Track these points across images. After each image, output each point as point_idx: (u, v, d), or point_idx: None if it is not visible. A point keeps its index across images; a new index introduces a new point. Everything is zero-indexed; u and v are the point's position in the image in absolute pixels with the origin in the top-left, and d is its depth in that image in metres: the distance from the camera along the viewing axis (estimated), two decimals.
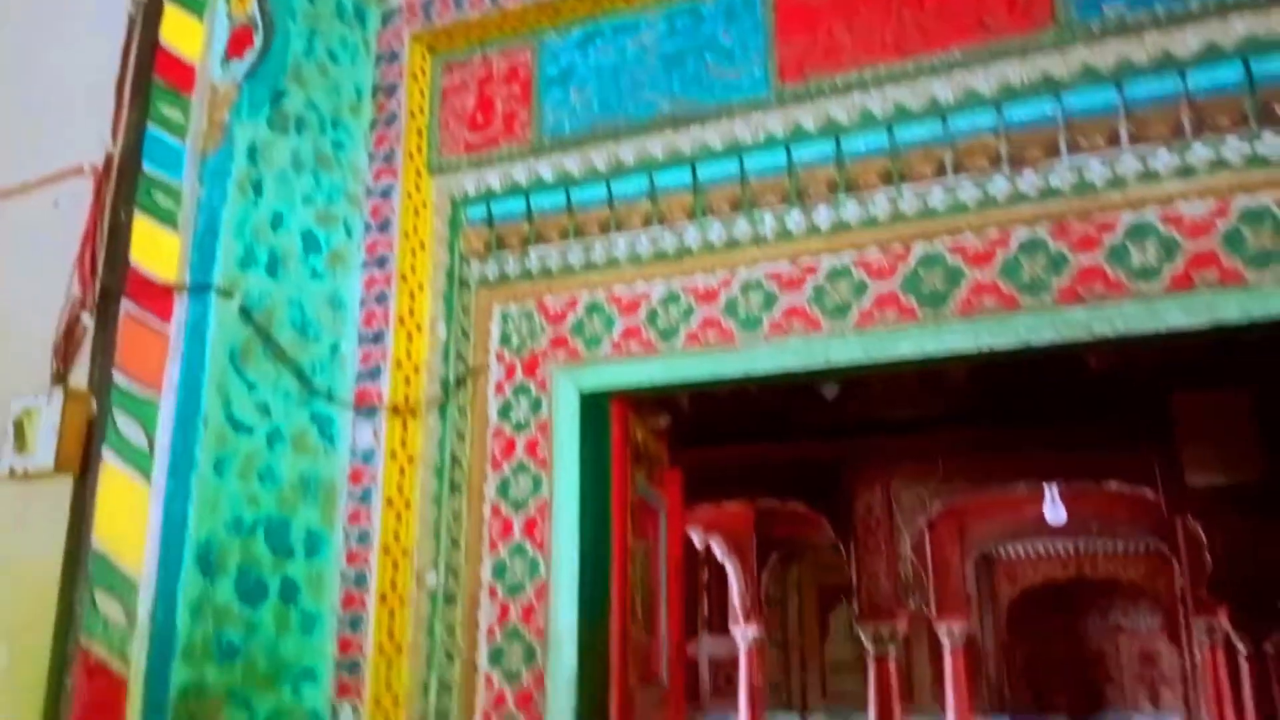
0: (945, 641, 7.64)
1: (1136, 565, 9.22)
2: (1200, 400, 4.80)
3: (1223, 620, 4.63)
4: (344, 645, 2.19)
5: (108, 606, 1.90)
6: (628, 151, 2.25)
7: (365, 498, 2.25)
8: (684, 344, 2.19)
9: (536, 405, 2.31)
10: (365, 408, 2.30)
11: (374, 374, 2.32)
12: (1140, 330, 1.83)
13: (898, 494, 5.45)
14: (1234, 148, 1.83)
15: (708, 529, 7.63)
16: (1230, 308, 1.78)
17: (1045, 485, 6.15)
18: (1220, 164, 1.83)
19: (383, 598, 2.21)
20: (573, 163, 2.30)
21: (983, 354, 1.96)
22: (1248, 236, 1.80)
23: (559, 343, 2.31)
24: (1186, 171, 1.85)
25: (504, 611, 2.24)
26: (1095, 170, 1.91)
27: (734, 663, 10.26)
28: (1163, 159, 1.87)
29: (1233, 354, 4.86)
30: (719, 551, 7.98)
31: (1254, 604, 4.61)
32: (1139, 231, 1.87)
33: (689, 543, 8.09)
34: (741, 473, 5.76)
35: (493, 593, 2.26)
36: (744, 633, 8.13)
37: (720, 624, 9.21)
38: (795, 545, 9.58)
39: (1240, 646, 4.61)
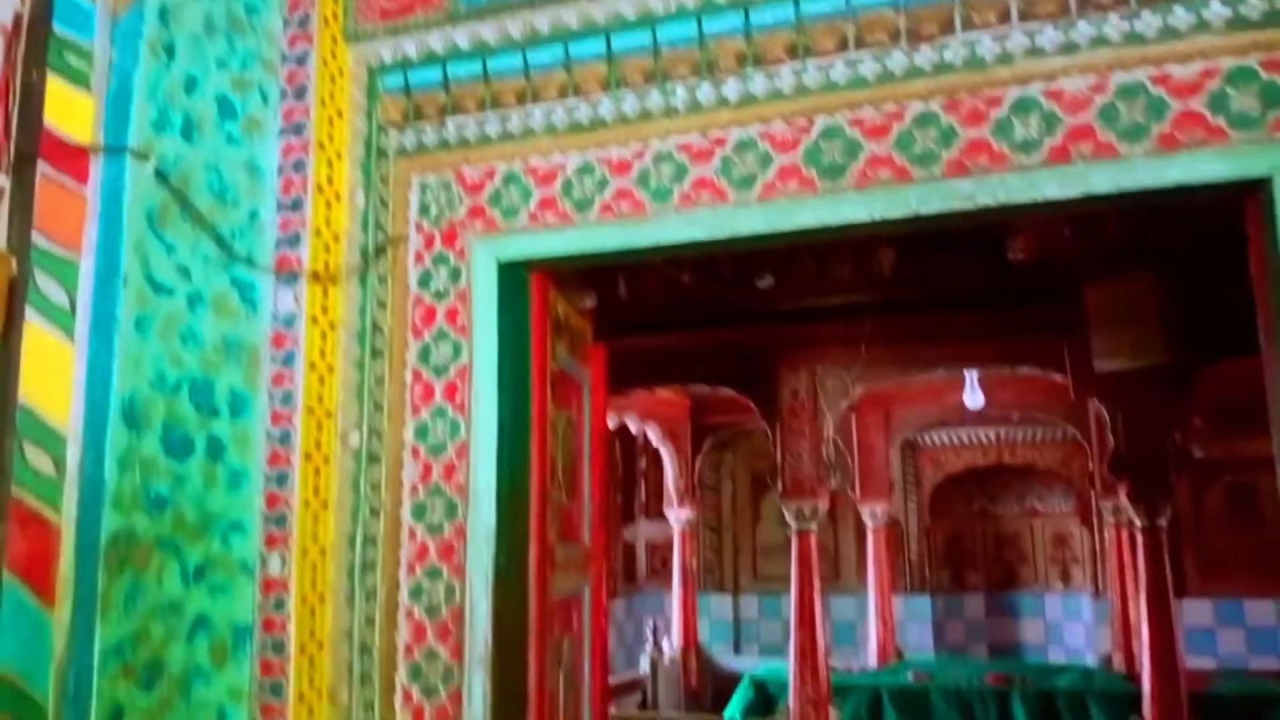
0: (869, 523, 8.01)
1: (1052, 451, 9.65)
2: (1110, 288, 5.01)
3: (1124, 499, 4.93)
4: (271, 500, 2.30)
5: (37, 459, 1.97)
6: (543, 20, 2.28)
7: (288, 361, 2.33)
8: (598, 215, 2.27)
9: (455, 274, 2.38)
10: (285, 274, 2.36)
11: (293, 241, 2.37)
12: (1019, 200, 1.95)
13: (822, 379, 5.64)
14: (1115, 25, 1.92)
15: (645, 416, 7.83)
16: (1101, 179, 1.91)
17: (965, 372, 6.40)
18: (1101, 41, 1.93)
19: (307, 456, 2.31)
20: (489, 31, 2.32)
21: (876, 224, 2.07)
22: (1121, 111, 1.91)
23: (476, 213, 2.37)
24: (1070, 48, 1.95)
25: (426, 470, 2.36)
26: (986, 46, 2.00)
27: (669, 545, 10.66)
28: (1049, 36, 1.96)
29: (1143, 245, 5.08)
30: (655, 438, 8.20)
31: (1150, 480, 4.92)
32: (1023, 106, 1.97)
33: (626, 430, 8.30)
34: (674, 359, 5.91)
35: (415, 453, 2.37)
36: (678, 516, 8.42)
37: (657, 510, 9.51)
38: (730, 433, 9.82)
39: (1137, 521, 4.93)
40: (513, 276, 2.40)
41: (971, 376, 6.45)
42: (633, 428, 7.88)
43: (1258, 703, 5.70)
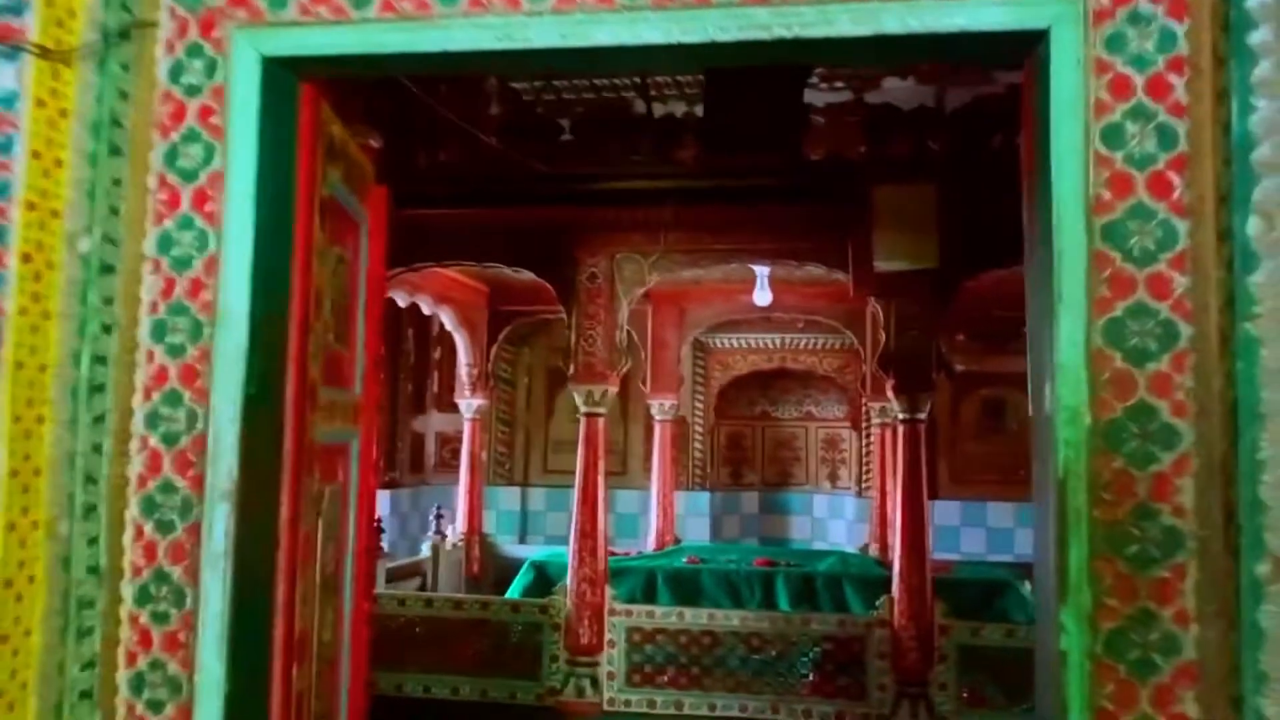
0: (656, 416, 8.17)
1: (831, 359, 10.18)
2: (895, 193, 5.23)
3: (890, 393, 5.23)
4: None
5: None
6: None
7: (6, 147, 2.01)
8: (378, 11, 2.07)
9: (212, 68, 2.13)
10: (7, 45, 2.02)
11: (16, 8, 2.03)
12: (813, 35, 1.92)
13: (621, 265, 5.63)
14: None
15: (439, 300, 7.58)
16: (892, 20, 1.91)
17: (756, 270, 6.56)
18: None
19: (26, 258, 2.02)
20: None
21: (673, 48, 1.99)
22: None
23: (239, 0, 2.12)
24: None
25: (169, 285, 2.13)
26: None
27: (461, 439, 10.56)
28: None
29: (929, 155, 5.32)
30: (449, 323, 7.98)
31: (913, 375, 5.25)
32: None
33: (421, 319, 8.03)
34: (471, 235, 5.71)
35: (156, 265, 2.13)
36: (469, 405, 8.30)
37: (449, 402, 9.33)
38: (528, 326, 9.72)
39: (900, 413, 5.25)
40: (279, 79, 2.17)
41: (762, 274, 6.63)
42: (426, 310, 7.64)
43: (992, 586, 6.32)
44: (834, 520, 10.53)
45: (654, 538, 7.91)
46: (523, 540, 10.16)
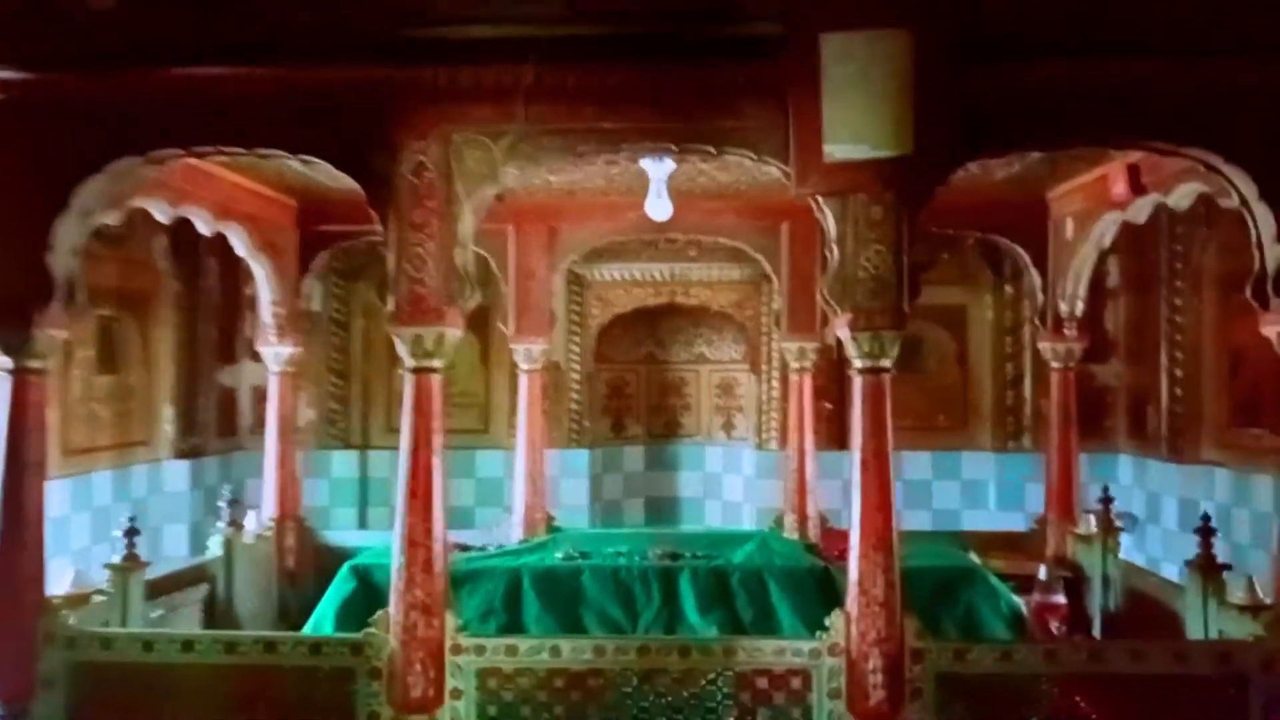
0: (523, 365, 6.49)
1: (728, 292, 8.69)
2: (852, 43, 3.64)
3: (846, 330, 3.68)
4: None
5: None
6: None
7: None
8: None
9: None
10: None
11: None
12: None
13: (461, 151, 3.86)
14: None
15: (221, 215, 5.59)
16: None
17: (652, 167, 4.90)
18: None
19: None
20: None
21: None
22: None
23: None
24: None
25: None
26: None
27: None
28: None
29: None
30: (241, 248, 6.02)
31: (877, 306, 3.72)
32: None
33: (228, 243, 6.06)
34: (232, 105, 3.84)
35: None
36: (275, 354, 6.42)
37: None
38: (360, 256, 7.90)
39: (858, 359, 3.73)
40: None
41: (661, 174, 4.97)
42: (204, 229, 5.66)
43: (952, 576, 4.99)
44: (729, 475, 9.15)
45: (520, 516, 6.27)
46: (363, 521, 8.39)
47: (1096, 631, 5.41)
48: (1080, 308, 6.07)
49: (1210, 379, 7.14)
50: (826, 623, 3.79)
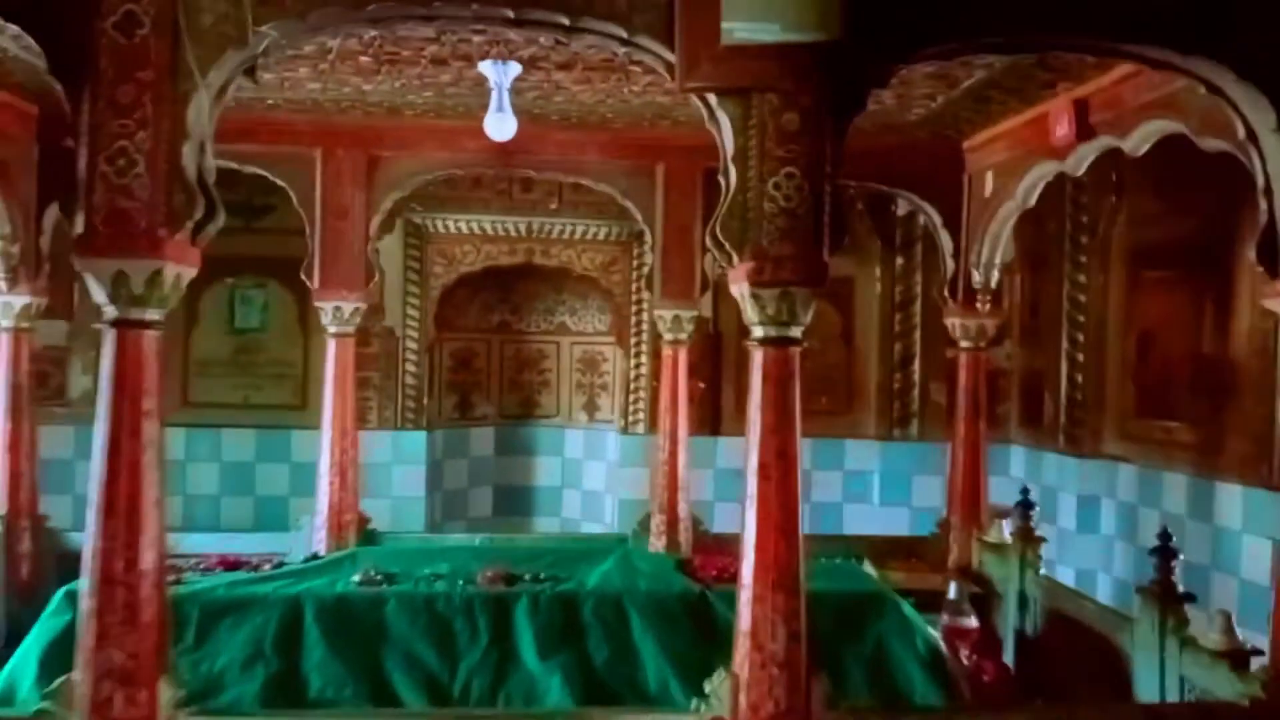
0: (331, 327, 5.21)
1: (594, 253, 7.59)
2: None
3: (743, 284, 2.59)
4: None
5: None
6: None
7: None
8: None
9: None
10: None
11: None
12: None
13: (195, 9, 2.60)
14: None
15: None
16: None
17: (492, 71, 3.72)
18: None
19: None
20: None
21: None
22: None
23: None
24: None
25: None
26: None
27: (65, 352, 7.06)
28: None
29: None
30: None
31: (790, 253, 2.67)
32: None
33: None
34: None
35: None
36: (5, 306, 4.96)
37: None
38: None
39: (760, 327, 2.65)
40: None
41: (502, 83, 3.78)
42: None
43: (859, 603, 4.06)
44: (592, 462, 8.07)
45: (324, 518, 5.01)
46: None
47: (1009, 658, 4.58)
48: (996, 278, 5.23)
49: (1115, 364, 6.45)
50: (706, 686, 2.74)
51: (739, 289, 2.79)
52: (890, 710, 2.96)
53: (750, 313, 2.75)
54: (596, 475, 7.98)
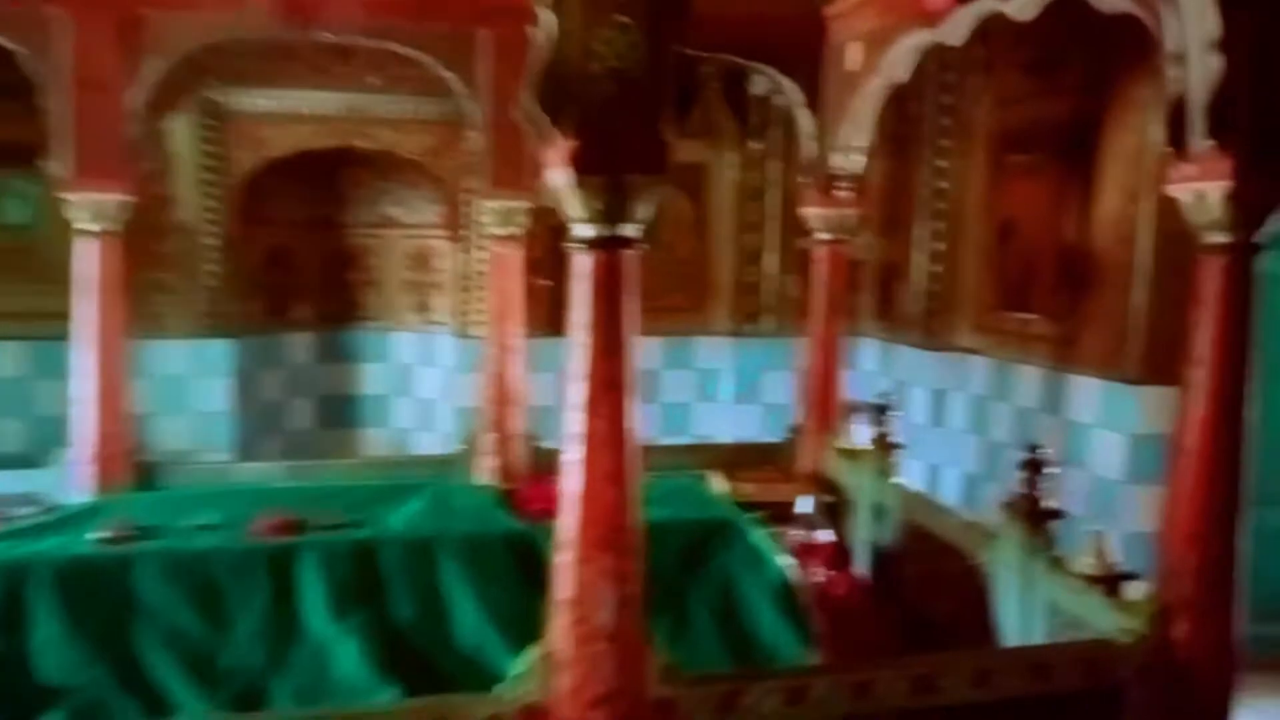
0: (87, 224, 4.33)
1: (421, 135, 6.77)
2: None
3: (561, 175, 1.98)
4: None
5: None
6: None
7: None
8: None
9: None
10: None
11: None
12: None
13: None
14: None
15: None
16: None
17: None
18: None
19: None
20: None
21: None
22: None
23: None
24: None
25: None
26: None
27: None
28: None
29: None
30: None
31: (621, 135, 2.08)
32: None
33: None
34: None
35: None
36: None
37: None
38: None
39: (585, 224, 2.08)
40: None
41: None
42: None
43: (705, 531, 3.64)
44: (425, 368, 7.42)
45: (87, 454, 4.22)
46: None
47: (863, 570, 4.32)
48: (859, 163, 4.79)
49: (973, 254, 6.19)
50: (515, 668, 2.24)
51: (557, 177, 2.19)
52: (738, 677, 2.54)
53: (571, 207, 2.17)
54: (431, 382, 7.34)
